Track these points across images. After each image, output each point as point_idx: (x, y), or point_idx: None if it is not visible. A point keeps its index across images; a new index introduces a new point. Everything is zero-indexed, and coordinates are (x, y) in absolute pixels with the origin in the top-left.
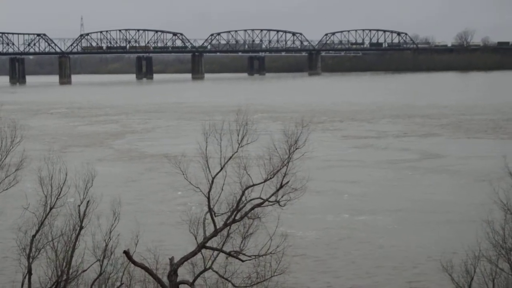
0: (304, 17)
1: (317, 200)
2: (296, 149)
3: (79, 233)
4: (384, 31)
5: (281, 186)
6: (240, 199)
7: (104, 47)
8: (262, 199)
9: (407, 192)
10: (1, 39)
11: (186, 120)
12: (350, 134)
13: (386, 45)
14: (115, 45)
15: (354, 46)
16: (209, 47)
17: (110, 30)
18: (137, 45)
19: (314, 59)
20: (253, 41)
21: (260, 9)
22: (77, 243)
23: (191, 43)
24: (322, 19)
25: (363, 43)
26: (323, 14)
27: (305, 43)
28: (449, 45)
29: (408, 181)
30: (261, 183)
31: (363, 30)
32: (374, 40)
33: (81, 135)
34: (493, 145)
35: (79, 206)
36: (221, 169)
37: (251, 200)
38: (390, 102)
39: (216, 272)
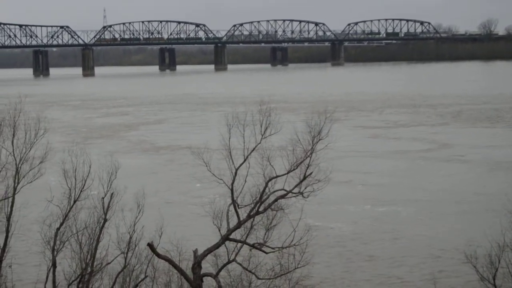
0: (327, 7)
1: (340, 191)
2: (320, 140)
3: (103, 226)
4: (407, 20)
5: (305, 177)
6: (264, 190)
7: (119, 39)
8: (285, 190)
9: (428, 182)
10: (25, 31)
11: (207, 111)
12: (369, 124)
13: (403, 35)
14: (134, 37)
15: (370, 36)
16: (225, 38)
17: (133, 22)
18: (160, 36)
19: (337, 50)
20: (276, 31)
21: None
22: (101, 235)
23: (213, 34)
24: (345, 9)
25: (379, 33)
26: (346, 3)
27: (328, 33)
28: (464, 33)
29: (429, 171)
30: (285, 174)
31: (386, 19)
32: (397, 30)
33: (102, 127)
34: (505, 135)
35: (103, 198)
36: (244, 160)
37: (274, 191)
38: (408, 92)
39: (240, 264)
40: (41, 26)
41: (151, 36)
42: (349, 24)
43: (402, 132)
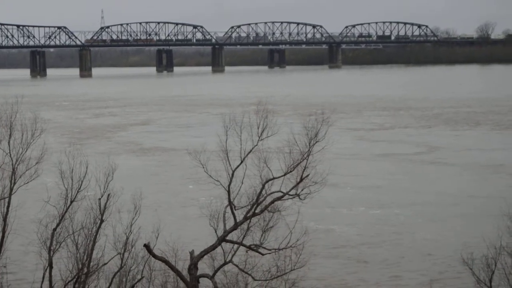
0: (325, 10)
1: (336, 193)
2: (316, 142)
3: (99, 226)
4: (405, 23)
5: (301, 180)
6: (260, 192)
7: (108, 41)
8: (282, 192)
9: (422, 184)
10: (22, 32)
11: (204, 113)
12: (363, 127)
13: (394, 38)
14: (132, 38)
15: (361, 38)
16: (215, 40)
17: (130, 23)
18: (158, 37)
19: (334, 52)
20: (273, 33)
21: (280, 1)
22: (97, 236)
23: (211, 36)
24: (343, 12)
25: (370, 36)
26: (344, 6)
27: (326, 36)
28: (457, 37)
29: (423, 173)
30: (281, 176)
31: (383, 22)
32: (395, 33)
33: (96, 128)
34: (490, 137)
35: (99, 199)
36: (241, 162)
37: (271, 193)
38: (402, 95)
39: (236, 266)
40: (39, 26)
41: (148, 37)
42: (346, 27)
43: (396, 135)
